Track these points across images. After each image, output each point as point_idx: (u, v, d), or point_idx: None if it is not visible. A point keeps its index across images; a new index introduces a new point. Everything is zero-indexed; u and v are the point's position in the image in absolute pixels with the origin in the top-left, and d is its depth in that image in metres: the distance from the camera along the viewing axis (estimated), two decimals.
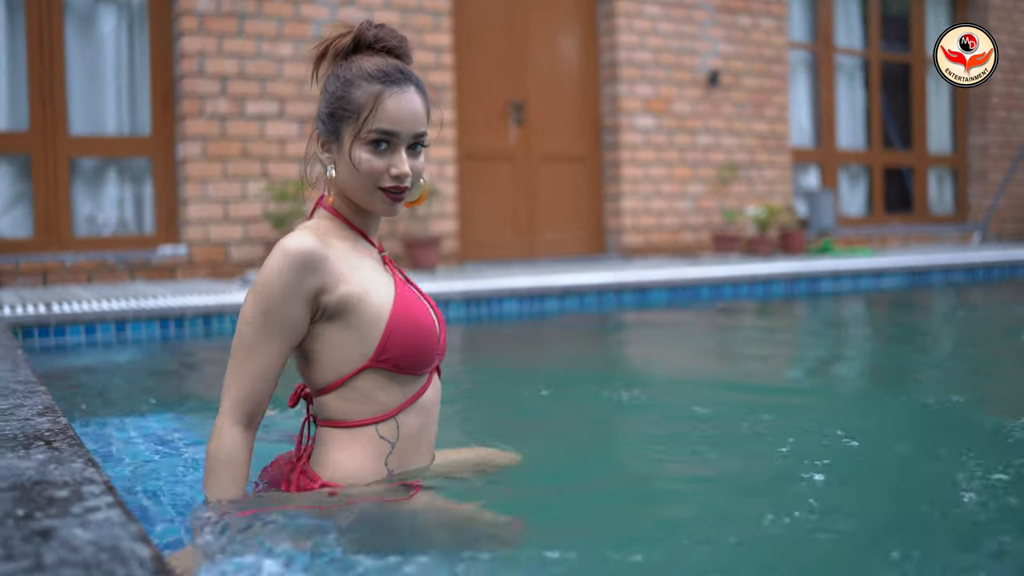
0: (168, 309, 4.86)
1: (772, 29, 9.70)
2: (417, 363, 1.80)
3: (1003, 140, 11.81)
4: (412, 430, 1.83)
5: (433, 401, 1.88)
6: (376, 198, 1.80)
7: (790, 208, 9.74)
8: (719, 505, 1.99)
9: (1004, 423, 2.65)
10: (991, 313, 6.38)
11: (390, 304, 1.78)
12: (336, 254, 1.77)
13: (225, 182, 6.96)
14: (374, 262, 1.85)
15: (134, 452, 2.36)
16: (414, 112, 1.79)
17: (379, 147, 1.77)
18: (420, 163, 1.82)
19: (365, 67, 1.79)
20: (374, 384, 1.79)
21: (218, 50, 6.92)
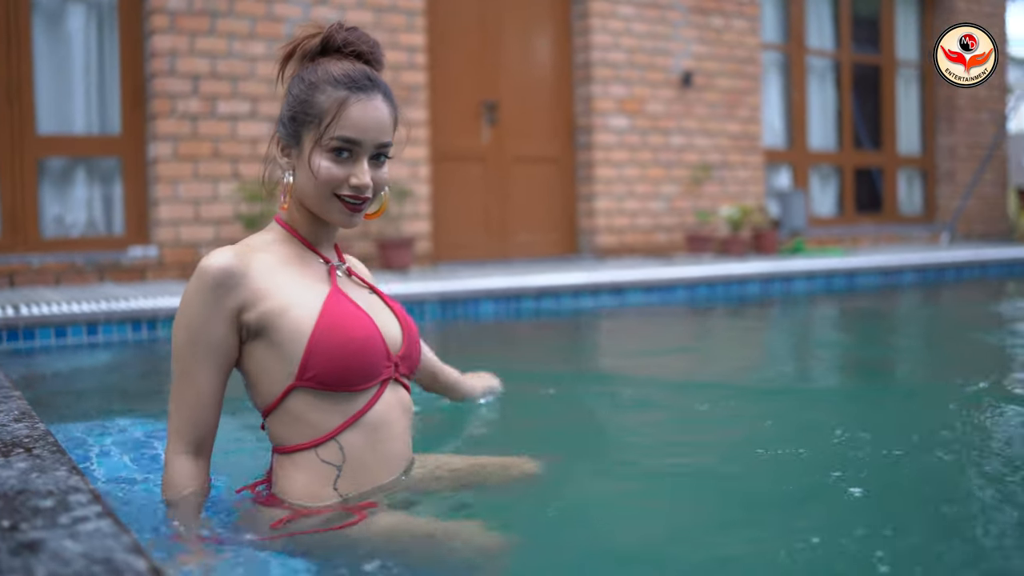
0: (140, 311, 4.78)
1: (745, 30, 9.73)
2: (348, 379, 1.69)
3: (971, 141, 11.93)
4: (360, 450, 1.71)
5: (384, 417, 1.75)
6: (333, 207, 1.73)
7: (762, 208, 9.77)
8: (711, 509, 1.97)
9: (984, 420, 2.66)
10: (964, 312, 6.42)
11: (314, 318, 1.68)
12: (260, 269, 1.71)
13: (196, 182, 6.87)
14: (314, 276, 1.77)
15: (113, 458, 2.30)
16: (379, 121, 1.73)
17: (340, 155, 1.71)
18: (383, 174, 1.76)
19: (331, 71, 1.73)
20: (305, 405, 1.70)
21: (190, 49, 6.83)
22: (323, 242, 1.83)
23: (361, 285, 1.86)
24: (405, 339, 1.82)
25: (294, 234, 1.81)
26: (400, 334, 1.82)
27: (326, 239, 1.84)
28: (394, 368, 1.79)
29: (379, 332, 1.75)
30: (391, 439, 1.77)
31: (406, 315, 1.88)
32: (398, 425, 1.79)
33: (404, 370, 1.82)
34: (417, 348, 1.86)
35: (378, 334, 1.75)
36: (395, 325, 1.83)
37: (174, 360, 1.72)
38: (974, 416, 2.82)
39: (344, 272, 1.84)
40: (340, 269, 1.83)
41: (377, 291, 1.88)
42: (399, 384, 1.82)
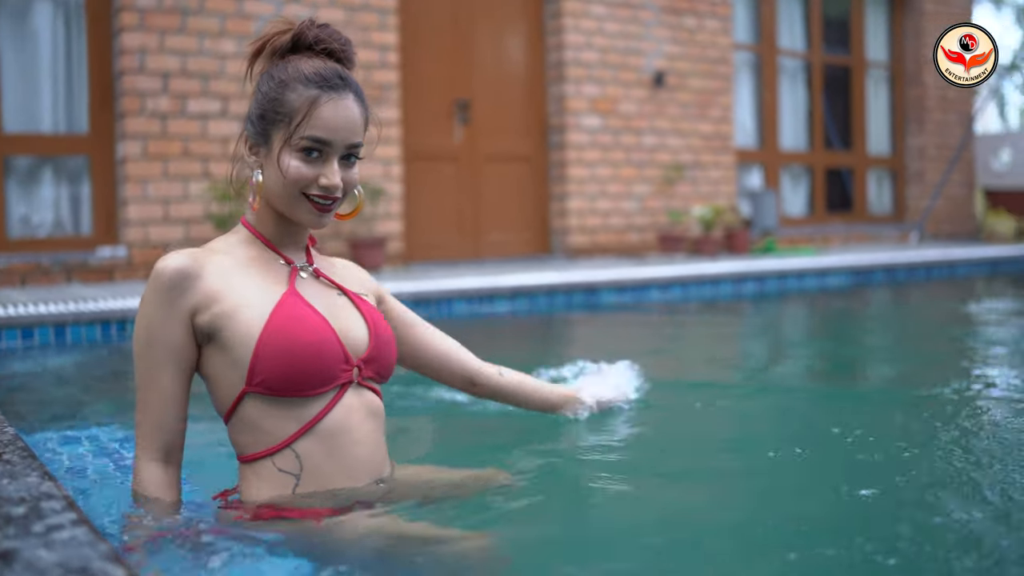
0: (110, 312, 4.72)
1: (717, 30, 9.76)
2: (298, 384, 1.64)
3: (939, 142, 12.04)
4: (319, 459, 1.66)
5: (343, 423, 1.69)
6: (302, 207, 1.70)
7: (734, 208, 9.80)
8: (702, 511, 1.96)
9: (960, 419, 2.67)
10: (935, 311, 6.47)
11: (263, 321, 1.64)
12: (215, 271, 1.68)
13: (166, 182, 6.79)
14: (272, 278, 1.73)
15: (85, 463, 2.25)
16: (350, 121, 1.69)
17: (310, 155, 1.68)
18: (353, 175, 1.72)
19: (302, 69, 1.70)
20: (258, 411, 1.67)
21: (159, 46, 6.75)
22: (289, 243, 1.79)
23: (329, 286, 1.79)
24: (371, 342, 1.75)
25: (257, 235, 1.77)
26: (366, 337, 1.75)
27: (292, 240, 1.79)
28: (356, 372, 1.73)
29: (334, 335, 1.69)
30: (352, 445, 1.71)
31: (376, 317, 1.80)
32: (360, 431, 1.72)
33: (369, 373, 1.75)
34: (388, 351, 1.79)
35: (333, 337, 1.69)
36: (360, 328, 1.76)
37: (135, 364, 1.70)
38: (946, 414, 2.83)
39: (311, 274, 1.78)
40: (305, 270, 1.78)
41: (348, 293, 1.80)
42: (365, 388, 1.76)
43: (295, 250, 1.80)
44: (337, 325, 1.73)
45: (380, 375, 1.79)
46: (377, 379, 1.79)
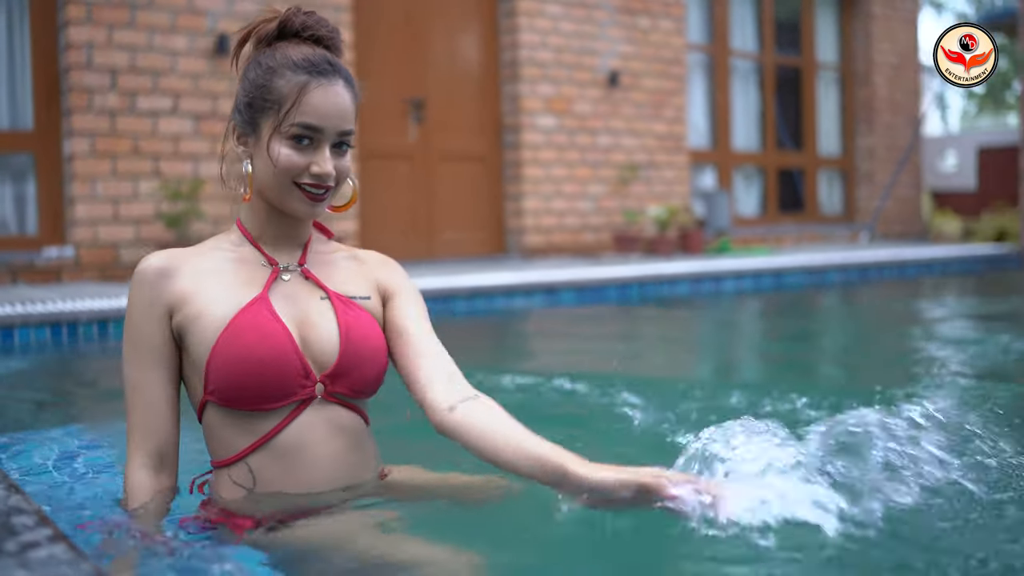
0: (60, 314, 4.58)
1: (671, 30, 9.78)
2: (248, 398, 1.56)
3: (888, 143, 12.19)
4: (273, 475, 1.59)
5: (300, 440, 1.60)
6: (293, 196, 1.62)
7: (688, 209, 9.84)
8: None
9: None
10: (889, 309, 6.54)
11: (221, 328, 1.58)
12: (191, 272, 1.63)
13: (115, 180, 6.63)
14: (248, 280, 1.65)
15: (45, 473, 2.15)
16: (340, 108, 1.61)
17: (301, 142, 1.60)
18: (345, 163, 1.65)
19: (291, 55, 1.63)
20: (217, 421, 1.62)
21: (107, 41, 6.59)
22: (280, 240, 1.71)
23: (314, 289, 1.69)
24: (340, 356, 1.63)
25: (245, 234, 1.71)
26: (335, 350, 1.63)
27: (285, 236, 1.71)
28: (320, 388, 1.62)
29: (293, 347, 1.60)
30: (310, 465, 1.61)
31: (355, 327, 1.66)
32: (321, 449, 1.62)
33: (339, 389, 1.64)
34: (363, 365, 1.65)
35: (290, 349, 1.59)
36: (331, 339, 1.64)
37: (123, 367, 1.65)
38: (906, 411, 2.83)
39: (298, 274, 1.70)
40: (288, 271, 1.69)
41: (332, 297, 1.68)
42: (335, 404, 1.65)
43: (288, 247, 1.72)
44: (302, 335, 1.63)
45: (355, 390, 1.66)
46: (351, 395, 1.66)
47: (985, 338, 4.85)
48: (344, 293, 1.71)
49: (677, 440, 2.59)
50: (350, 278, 1.75)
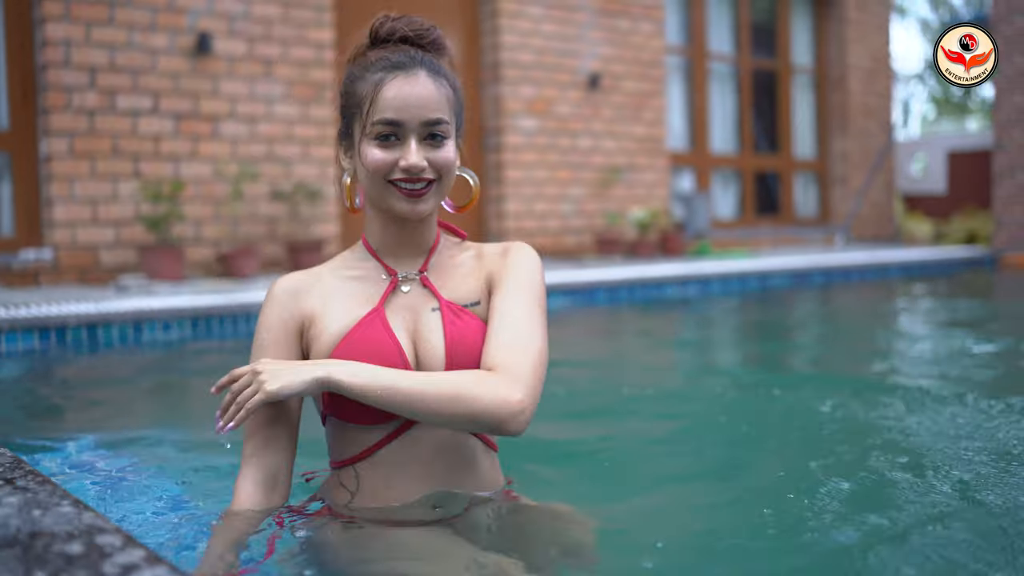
0: (47, 318, 4.43)
1: (650, 33, 9.76)
2: (357, 414, 1.56)
3: (862, 147, 12.27)
4: (375, 484, 1.59)
5: (403, 456, 1.58)
6: (392, 196, 1.59)
7: (668, 211, 9.82)
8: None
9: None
10: (873, 310, 6.55)
11: (335, 347, 1.59)
12: (319, 291, 1.64)
13: (94, 181, 6.47)
14: (367, 294, 1.64)
15: (74, 484, 2.05)
16: (420, 97, 1.57)
17: (387, 139, 1.58)
18: (442, 155, 1.58)
19: (370, 58, 1.63)
20: (334, 429, 1.64)
21: (86, 39, 6.43)
22: (399, 249, 1.68)
23: (430, 298, 1.64)
24: (447, 370, 1.58)
25: (367, 248, 1.70)
26: (442, 364, 1.58)
27: (404, 244, 1.68)
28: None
29: (403, 362, 1.57)
30: (414, 479, 1.59)
31: (460, 338, 1.60)
32: (425, 466, 1.60)
33: None
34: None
35: (401, 364, 1.56)
36: (438, 352, 1.59)
37: None
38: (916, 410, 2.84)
39: (418, 283, 1.66)
40: (407, 281, 1.66)
41: (443, 307, 1.63)
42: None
43: (410, 255, 1.69)
44: (415, 350, 1.61)
45: None
46: None
47: (978, 338, 4.86)
48: (457, 300, 1.67)
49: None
50: (466, 282, 1.70)
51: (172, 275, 6.26)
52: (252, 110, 7.12)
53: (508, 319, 1.59)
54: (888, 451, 2.37)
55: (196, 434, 2.77)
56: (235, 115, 7.04)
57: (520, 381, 1.50)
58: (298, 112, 7.33)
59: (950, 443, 2.50)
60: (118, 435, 2.69)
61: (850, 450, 2.46)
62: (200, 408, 3.43)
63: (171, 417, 3.22)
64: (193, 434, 2.77)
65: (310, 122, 7.39)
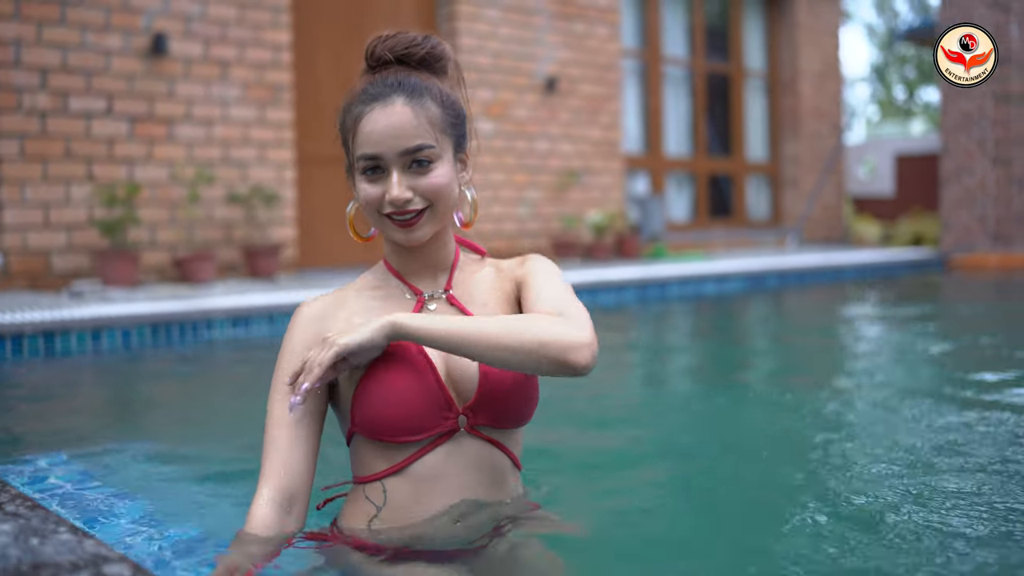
0: (4, 326, 4.33)
1: (606, 37, 9.80)
2: (390, 431, 1.56)
3: (813, 150, 12.44)
4: (404, 498, 1.58)
5: (437, 471, 1.58)
6: (387, 226, 1.60)
7: (624, 214, 9.87)
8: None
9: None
10: (829, 312, 6.64)
11: (365, 365, 1.58)
12: (343, 314, 1.65)
13: (46, 185, 6.34)
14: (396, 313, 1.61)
15: (51, 503, 2.00)
16: (394, 127, 1.55)
17: (373, 173, 1.58)
18: (428, 181, 1.56)
19: (356, 89, 1.62)
20: (361, 446, 1.63)
21: (37, 39, 6.29)
22: (421, 270, 1.68)
23: (458, 316, 1.62)
24: (480, 387, 1.59)
25: (389, 268, 1.70)
26: (476, 379, 1.59)
27: (423, 264, 1.67)
28: (463, 420, 1.59)
29: (436, 380, 1.57)
30: (444, 494, 1.59)
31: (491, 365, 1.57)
32: (456, 481, 1.60)
33: (482, 421, 1.60)
34: (508, 395, 1.60)
35: (433, 382, 1.57)
36: (471, 370, 1.60)
37: (268, 403, 1.64)
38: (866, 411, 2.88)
39: (445, 301, 1.67)
40: (435, 299, 1.67)
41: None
42: (477, 438, 1.61)
43: (432, 274, 1.69)
44: (447, 366, 1.60)
45: (498, 420, 1.61)
46: (496, 424, 1.62)
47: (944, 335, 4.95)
48: (486, 315, 1.64)
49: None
50: (491, 297, 1.70)
51: (127, 280, 6.15)
52: (208, 112, 7.02)
53: (548, 291, 1.61)
54: (856, 454, 2.42)
55: (163, 447, 2.73)
56: (191, 117, 6.94)
57: (582, 324, 1.52)
58: (255, 114, 7.25)
59: (916, 440, 2.56)
60: (82, 451, 2.63)
61: (822, 456, 2.50)
62: (166, 420, 3.37)
63: (136, 430, 3.16)
64: (160, 447, 2.73)
65: (267, 125, 7.31)
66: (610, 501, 2.09)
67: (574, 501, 2.05)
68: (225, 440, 2.84)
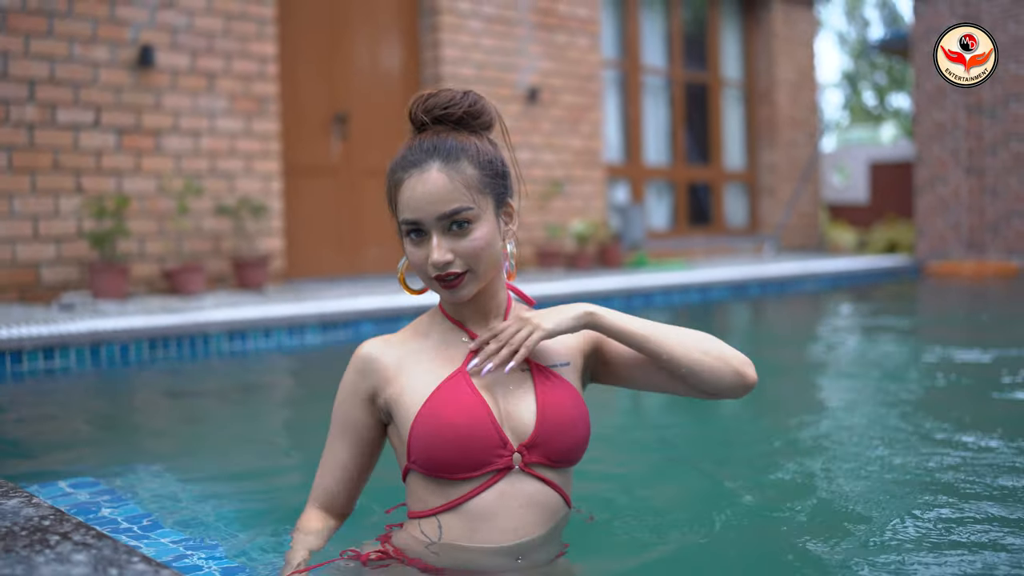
0: (3, 341, 4.33)
1: (587, 47, 9.90)
2: (446, 468, 1.61)
3: (789, 158, 12.59)
4: (458, 534, 1.63)
5: (492, 508, 1.62)
6: (434, 286, 1.66)
7: (605, 223, 9.96)
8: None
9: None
10: (819, 320, 6.75)
11: (420, 404, 1.64)
12: (399, 354, 1.71)
13: (34, 197, 6.33)
14: (449, 357, 1.70)
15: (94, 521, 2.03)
16: (430, 194, 1.60)
17: (416, 236, 1.64)
18: (467, 244, 1.61)
19: (398, 155, 1.68)
20: (417, 483, 1.69)
21: (24, 51, 6.29)
22: (475, 316, 1.73)
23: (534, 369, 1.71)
24: (537, 426, 1.64)
25: (444, 313, 1.76)
26: (532, 420, 1.65)
27: (477, 312, 1.73)
28: (517, 458, 1.64)
29: (490, 419, 1.63)
30: (499, 532, 1.63)
31: (553, 398, 1.67)
32: (512, 519, 1.64)
33: (536, 459, 1.65)
34: (560, 435, 1.66)
35: (487, 421, 1.62)
36: (529, 410, 1.66)
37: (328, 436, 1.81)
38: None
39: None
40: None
41: (533, 368, 1.70)
42: (531, 476, 1.66)
43: (486, 320, 1.74)
44: (501, 407, 1.66)
45: (553, 460, 1.66)
46: (550, 463, 1.67)
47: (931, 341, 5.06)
48: (543, 362, 1.73)
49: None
50: (549, 345, 1.75)
51: (117, 293, 6.16)
52: (195, 124, 7.04)
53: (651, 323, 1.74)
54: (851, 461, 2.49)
55: (179, 466, 2.75)
56: (178, 129, 6.95)
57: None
58: (241, 126, 7.27)
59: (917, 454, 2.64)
60: (102, 471, 2.66)
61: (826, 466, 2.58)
62: (177, 439, 3.40)
63: (148, 450, 3.19)
64: (176, 466, 2.75)
65: (253, 136, 7.34)
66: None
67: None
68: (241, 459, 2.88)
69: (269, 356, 5.05)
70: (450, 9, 8.70)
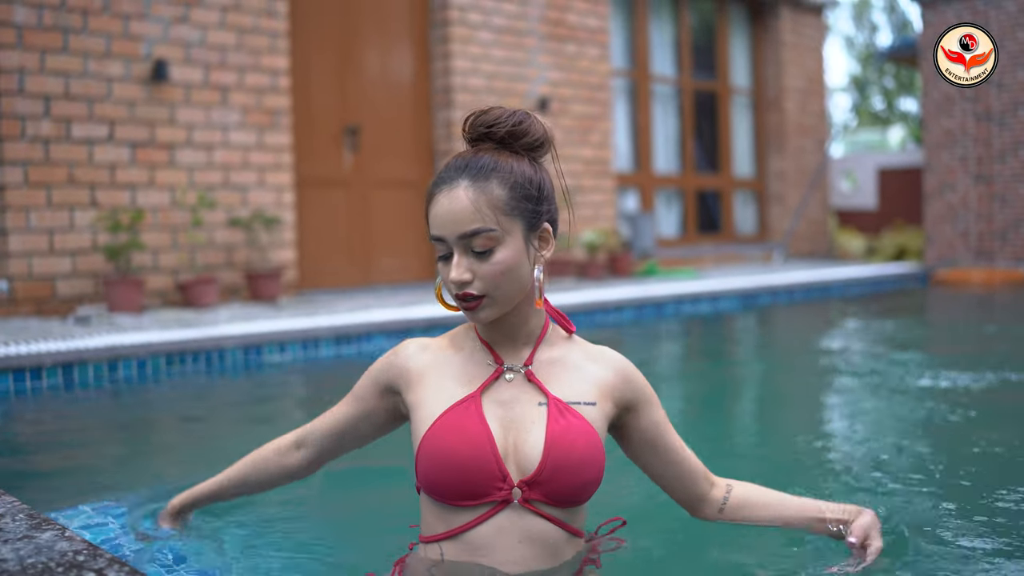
0: (23, 357, 4.38)
1: (597, 57, 9.94)
2: (443, 491, 1.60)
3: (798, 165, 12.62)
4: (458, 564, 1.61)
5: (490, 541, 1.60)
6: (460, 306, 1.65)
7: (615, 231, 9.99)
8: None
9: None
10: (834, 328, 6.77)
11: (431, 421, 1.63)
12: (425, 361, 1.72)
13: (50, 211, 6.39)
14: (470, 377, 1.67)
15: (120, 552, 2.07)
16: (453, 212, 1.58)
17: (444, 255, 1.63)
18: (486, 267, 1.58)
19: (439, 169, 1.69)
20: (425, 504, 1.69)
21: (40, 67, 6.35)
22: (505, 339, 1.70)
23: (536, 393, 1.67)
24: (541, 464, 1.60)
25: (475, 331, 1.75)
26: (538, 457, 1.60)
27: (507, 336, 1.69)
28: (516, 492, 1.61)
29: (492, 450, 1.59)
30: (496, 564, 1.61)
31: (563, 437, 1.61)
32: (509, 554, 1.61)
33: (536, 496, 1.61)
34: (565, 476, 1.61)
35: (489, 452, 1.59)
36: (536, 446, 1.61)
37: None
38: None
39: (523, 376, 1.68)
40: (512, 371, 1.68)
41: (551, 403, 1.64)
42: (530, 512, 1.61)
43: (516, 346, 1.70)
44: (508, 439, 1.62)
45: (553, 499, 1.62)
46: (550, 503, 1.62)
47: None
48: (566, 398, 1.66)
49: None
50: (578, 381, 1.70)
51: (132, 305, 6.22)
52: (208, 137, 7.10)
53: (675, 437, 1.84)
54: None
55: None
56: (192, 143, 7.01)
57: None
58: (254, 139, 7.33)
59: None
60: (126, 496, 2.69)
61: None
62: (200, 458, 3.43)
63: (171, 472, 3.23)
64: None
65: (266, 149, 7.39)
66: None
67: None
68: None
69: (284, 369, 5.10)
70: (461, 20, 8.75)
